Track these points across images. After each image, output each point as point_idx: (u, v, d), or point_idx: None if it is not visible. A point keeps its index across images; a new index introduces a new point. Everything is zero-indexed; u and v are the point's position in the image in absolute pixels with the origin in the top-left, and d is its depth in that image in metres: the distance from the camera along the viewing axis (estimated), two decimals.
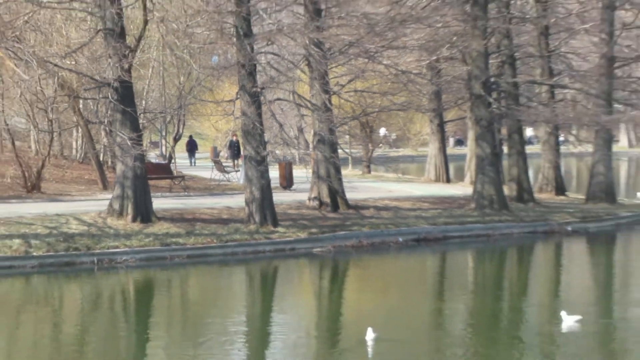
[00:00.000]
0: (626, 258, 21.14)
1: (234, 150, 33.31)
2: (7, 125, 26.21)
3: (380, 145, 43.04)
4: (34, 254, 15.84)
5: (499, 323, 13.19)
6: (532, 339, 11.80)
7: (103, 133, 25.86)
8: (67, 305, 14.60)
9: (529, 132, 51.45)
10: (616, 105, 29.78)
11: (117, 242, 17.09)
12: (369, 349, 10.38)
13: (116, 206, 18.00)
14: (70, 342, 11.29)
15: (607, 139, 27.46)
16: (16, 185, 23.62)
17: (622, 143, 70.71)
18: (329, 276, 18.17)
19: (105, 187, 23.66)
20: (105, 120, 20.84)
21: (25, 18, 18.02)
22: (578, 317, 11.68)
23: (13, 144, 24.95)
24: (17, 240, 16.09)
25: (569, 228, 22.93)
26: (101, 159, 27.55)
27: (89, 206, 20.10)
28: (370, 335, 10.38)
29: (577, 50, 28.89)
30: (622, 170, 52.74)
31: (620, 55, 27.95)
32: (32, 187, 22.73)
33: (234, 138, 33.65)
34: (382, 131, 42.58)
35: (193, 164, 39.62)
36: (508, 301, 15.31)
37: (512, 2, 27.27)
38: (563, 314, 11.56)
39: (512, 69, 26.27)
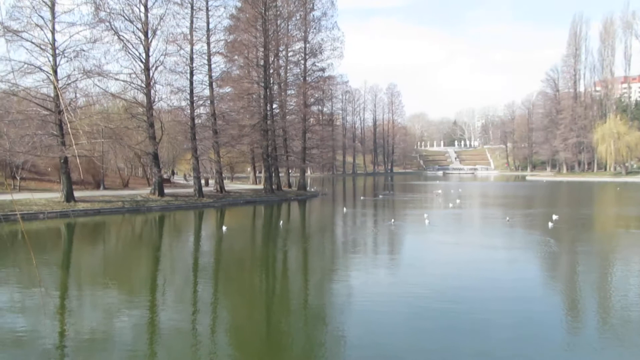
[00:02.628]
0: (311, 206, 50.04)
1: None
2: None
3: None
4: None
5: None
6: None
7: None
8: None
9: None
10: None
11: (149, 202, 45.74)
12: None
13: (154, 191, 45.23)
14: None
15: (303, 169, 62.25)
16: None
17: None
18: (200, 215, 47.70)
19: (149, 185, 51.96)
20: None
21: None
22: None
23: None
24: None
25: (293, 198, 54.94)
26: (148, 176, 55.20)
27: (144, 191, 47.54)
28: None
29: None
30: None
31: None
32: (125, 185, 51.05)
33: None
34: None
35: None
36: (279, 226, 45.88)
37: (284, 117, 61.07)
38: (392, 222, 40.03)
39: (282, 145, 60.19)
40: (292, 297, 15.01)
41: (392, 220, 32.17)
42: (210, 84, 48.25)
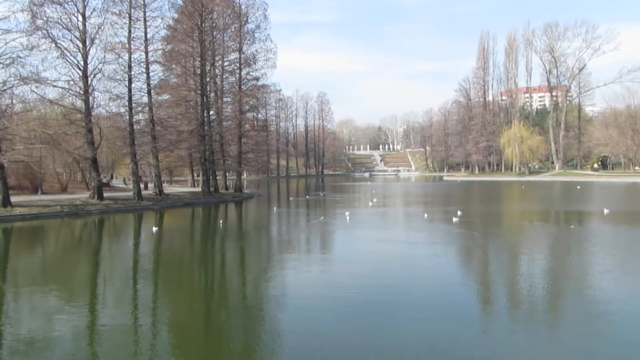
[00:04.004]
0: (247, 206, 50.61)
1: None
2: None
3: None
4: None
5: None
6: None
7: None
8: None
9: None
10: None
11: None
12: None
13: (93, 195, 43.42)
14: None
15: (240, 172, 61.58)
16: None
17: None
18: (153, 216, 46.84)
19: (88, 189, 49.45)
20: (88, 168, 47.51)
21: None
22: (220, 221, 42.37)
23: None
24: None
25: (230, 199, 54.79)
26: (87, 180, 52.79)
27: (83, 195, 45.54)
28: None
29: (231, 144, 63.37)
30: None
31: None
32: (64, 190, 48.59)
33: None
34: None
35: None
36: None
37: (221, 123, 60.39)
38: None
39: (218, 150, 59.42)
40: (230, 295, 14.81)
41: (322, 217, 32.61)
42: (149, 92, 47.06)
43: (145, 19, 45.25)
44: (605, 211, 33.31)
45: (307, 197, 58.52)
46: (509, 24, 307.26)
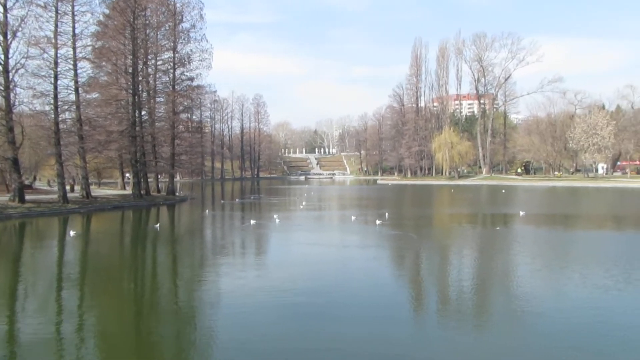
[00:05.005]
0: (180, 210, 50.10)
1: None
2: None
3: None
4: None
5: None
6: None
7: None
8: None
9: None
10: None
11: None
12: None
13: (13, 197, 40.20)
14: None
15: (172, 175, 60.74)
16: None
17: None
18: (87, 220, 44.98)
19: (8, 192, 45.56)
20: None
21: None
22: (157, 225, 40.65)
23: None
24: None
25: (161, 202, 53.20)
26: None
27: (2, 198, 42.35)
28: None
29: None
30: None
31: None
32: None
33: None
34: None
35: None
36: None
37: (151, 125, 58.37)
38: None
39: (150, 151, 57.72)
40: (160, 301, 14.36)
41: (253, 221, 32.29)
42: (76, 89, 44.92)
43: (73, 13, 43.23)
44: (521, 213, 35.33)
45: (238, 200, 58.19)
46: (441, 32, 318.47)
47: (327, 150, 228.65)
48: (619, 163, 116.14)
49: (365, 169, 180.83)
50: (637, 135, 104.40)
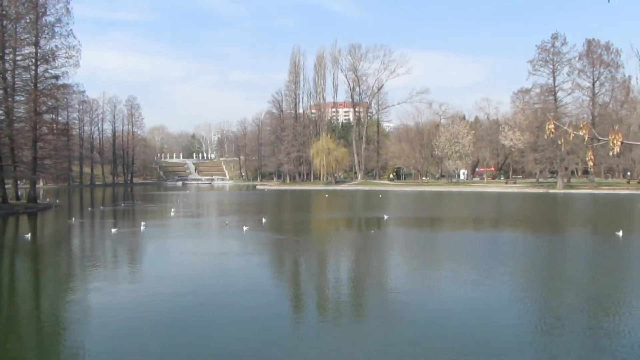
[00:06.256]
0: (43, 218, 44.65)
1: None
2: None
3: None
4: None
5: None
6: None
7: None
8: None
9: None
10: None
11: None
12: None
13: None
14: None
15: (34, 181, 55.94)
16: None
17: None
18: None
19: None
20: None
21: None
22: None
23: None
24: None
25: (21, 210, 48.10)
26: None
27: None
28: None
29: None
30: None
31: None
32: None
33: None
34: None
35: None
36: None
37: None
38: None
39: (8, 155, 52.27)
40: (21, 322, 12.95)
41: (115, 229, 30.61)
42: None
43: None
44: (385, 217, 37.49)
45: (101, 207, 55.23)
46: (318, 41, 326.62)
47: (205, 155, 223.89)
48: (477, 169, 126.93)
49: (245, 174, 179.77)
50: (492, 144, 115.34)
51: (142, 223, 32.57)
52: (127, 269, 19.82)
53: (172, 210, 46.06)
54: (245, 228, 29.83)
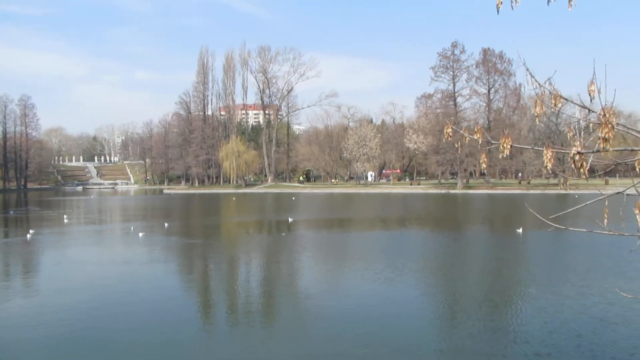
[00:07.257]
0: None
1: None
2: None
3: None
4: None
5: None
6: None
7: None
8: None
9: None
10: None
11: None
12: None
13: None
14: None
15: None
16: None
17: None
18: None
19: None
20: None
21: None
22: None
23: None
24: None
25: None
26: None
27: None
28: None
29: None
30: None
31: None
32: None
33: None
34: None
35: None
36: None
37: None
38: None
39: None
40: None
41: (28, 235, 28.20)
42: None
43: None
44: (290, 219, 37.61)
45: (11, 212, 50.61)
46: (227, 42, 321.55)
47: (108, 158, 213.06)
48: (384, 171, 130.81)
49: (151, 177, 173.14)
50: (397, 147, 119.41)
51: (30, 231, 29.98)
52: (21, 281, 18.07)
53: (65, 217, 42.67)
54: (141, 234, 28.57)
